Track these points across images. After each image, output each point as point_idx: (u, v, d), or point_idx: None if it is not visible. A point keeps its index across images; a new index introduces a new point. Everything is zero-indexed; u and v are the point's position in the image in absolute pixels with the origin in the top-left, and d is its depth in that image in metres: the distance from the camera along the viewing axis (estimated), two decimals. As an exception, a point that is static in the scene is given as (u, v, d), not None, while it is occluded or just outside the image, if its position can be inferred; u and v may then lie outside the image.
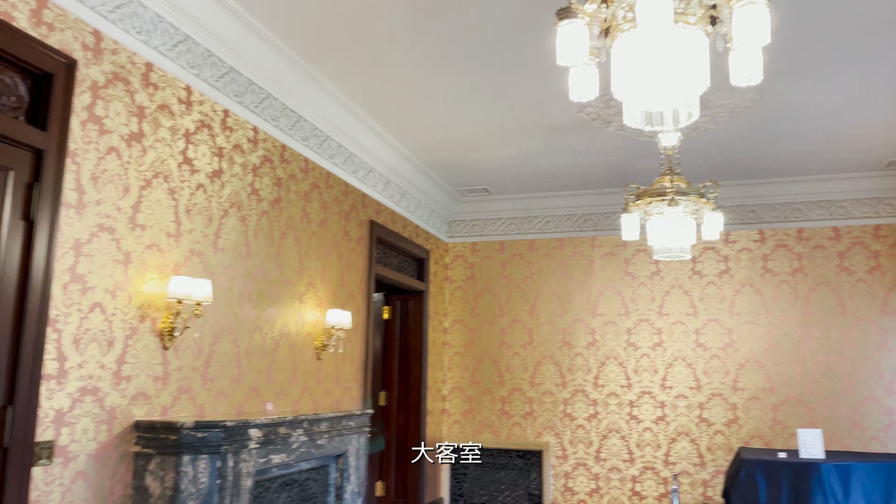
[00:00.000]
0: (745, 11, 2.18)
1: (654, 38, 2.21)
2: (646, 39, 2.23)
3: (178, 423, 3.19)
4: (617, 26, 2.40)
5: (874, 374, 6.29)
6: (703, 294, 6.87)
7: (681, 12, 2.28)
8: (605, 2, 2.42)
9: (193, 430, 3.19)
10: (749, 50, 2.38)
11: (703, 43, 2.33)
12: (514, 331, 7.36)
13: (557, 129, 5.50)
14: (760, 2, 2.16)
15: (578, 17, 2.36)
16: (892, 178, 6.38)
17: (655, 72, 2.24)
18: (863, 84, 4.59)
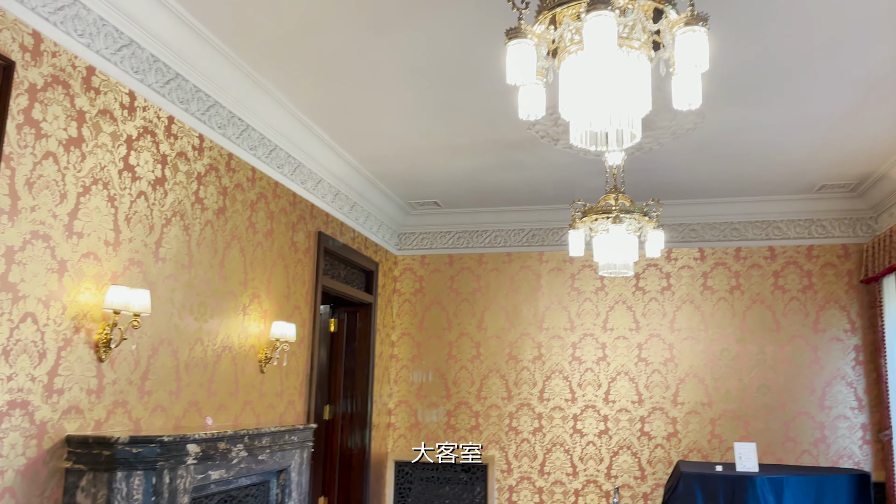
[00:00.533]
0: (685, 38, 2.25)
1: (600, 61, 2.26)
2: (591, 62, 2.29)
3: (112, 438, 3.09)
4: (564, 48, 2.45)
5: (806, 389, 6.53)
6: (645, 310, 7.03)
7: (625, 37, 2.34)
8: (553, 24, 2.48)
9: (128, 445, 3.09)
10: (690, 75, 2.46)
11: (647, 67, 2.40)
12: (461, 344, 7.38)
13: (507, 145, 5.57)
14: (700, 30, 2.24)
15: (527, 37, 2.40)
16: (824, 201, 6.67)
17: (600, 94, 2.30)
18: (797, 111, 4.79)
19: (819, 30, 3.76)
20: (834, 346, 6.54)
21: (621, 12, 2.30)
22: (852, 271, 6.63)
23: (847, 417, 6.40)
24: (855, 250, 6.66)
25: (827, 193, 6.58)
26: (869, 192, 6.35)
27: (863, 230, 6.65)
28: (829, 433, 6.41)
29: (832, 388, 6.47)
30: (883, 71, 4.18)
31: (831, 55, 4.02)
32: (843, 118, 4.87)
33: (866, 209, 6.62)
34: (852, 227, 6.69)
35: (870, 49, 3.94)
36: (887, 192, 6.09)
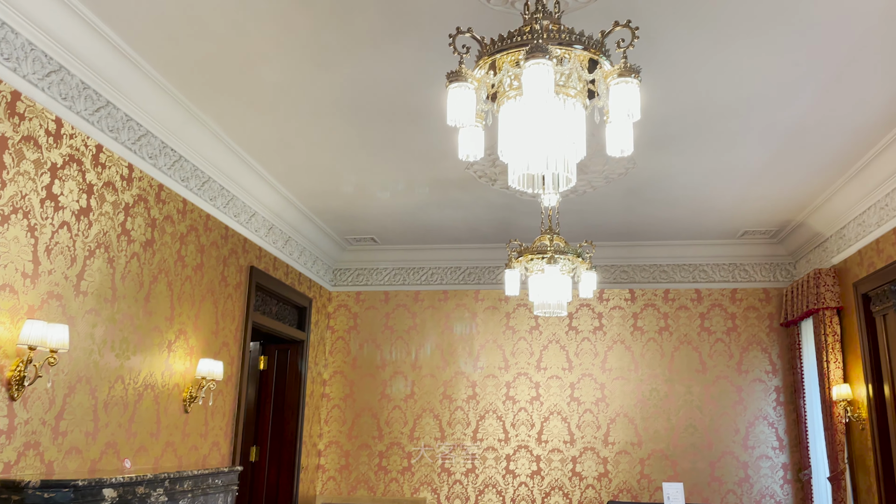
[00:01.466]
0: (619, 88, 2.33)
1: (537, 106, 2.31)
2: (529, 107, 2.34)
3: (21, 482, 2.88)
4: (504, 93, 2.50)
5: (731, 429, 6.71)
6: (578, 349, 7.12)
7: (562, 84, 2.41)
8: (493, 69, 2.53)
9: (39, 489, 2.89)
10: (622, 123, 2.54)
11: (582, 114, 2.47)
12: (395, 383, 7.29)
13: (446, 183, 5.61)
14: (633, 81, 2.33)
15: (468, 81, 2.44)
16: (746, 246, 6.96)
17: (537, 138, 2.35)
18: (723, 160, 5.01)
19: (742, 86, 3.97)
20: (756, 387, 6.76)
21: (558, 61, 2.37)
22: (773, 314, 6.91)
23: (769, 457, 6.60)
24: (775, 294, 6.95)
25: (750, 239, 6.87)
26: (788, 238, 6.67)
27: (782, 275, 6.96)
28: (752, 473, 6.58)
29: (755, 429, 6.67)
30: (800, 126, 4.44)
31: (754, 109, 4.24)
32: (764, 168, 5.12)
33: (786, 255, 6.94)
34: (773, 272, 6.99)
35: (788, 105, 4.17)
36: (805, 239, 6.41)
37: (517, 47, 2.40)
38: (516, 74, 2.42)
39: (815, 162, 4.98)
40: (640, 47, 3.56)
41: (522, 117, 2.37)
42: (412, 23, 3.43)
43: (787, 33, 3.45)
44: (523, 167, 2.50)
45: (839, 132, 4.50)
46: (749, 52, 3.62)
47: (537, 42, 2.28)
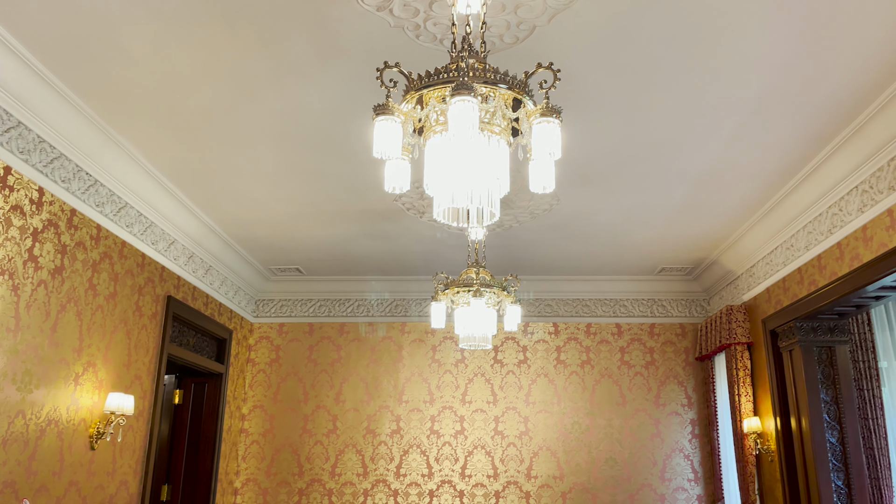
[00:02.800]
0: (541, 128, 2.40)
1: (462, 142, 2.35)
2: (454, 143, 2.37)
3: None
4: (430, 127, 2.53)
5: (648, 462, 6.85)
6: (503, 382, 7.16)
7: (487, 122, 2.46)
8: (420, 104, 2.55)
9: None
10: (544, 161, 2.60)
11: (506, 151, 2.53)
12: (317, 418, 7.12)
13: (373, 214, 5.59)
14: (554, 121, 2.40)
15: (394, 114, 2.46)
16: (664, 282, 7.21)
17: (462, 173, 2.38)
18: (641, 200, 5.21)
19: (658, 130, 4.15)
20: (673, 420, 6.95)
21: (483, 99, 2.42)
22: (689, 349, 7.15)
23: (685, 489, 6.76)
24: (691, 329, 7.21)
25: (667, 276, 7.13)
26: (703, 276, 6.95)
27: (697, 311, 7.24)
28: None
29: (672, 461, 6.84)
30: (711, 170, 4.66)
31: (669, 153, 4.44)
32: (680, 209, 5.35)
33: (700, 291, 7.23)
34: (689, 308, 7.26)
35: (700, 150, 4.38)
36: (718, 276, 6.70)
37: (444, 84, 2.44)
38: (442, 110, 2.45)
39: (726, 204, 5.23)
40: (564, 90, 3.68)
41: (448, 152, 2.40)
42: (341, 53, 3.45)
43: (697, 83, 3.64)
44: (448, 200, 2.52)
45: (747, 177, 4.76)
46: (664, 99, 3.80)
47: (463, 80, 2.32)
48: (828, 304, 4.74)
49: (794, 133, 4.15)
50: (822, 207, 4.71)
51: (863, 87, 3.64)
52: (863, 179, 4.22)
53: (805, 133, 4.14)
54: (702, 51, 3.37)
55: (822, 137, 4.18)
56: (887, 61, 3.42)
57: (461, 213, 2.76)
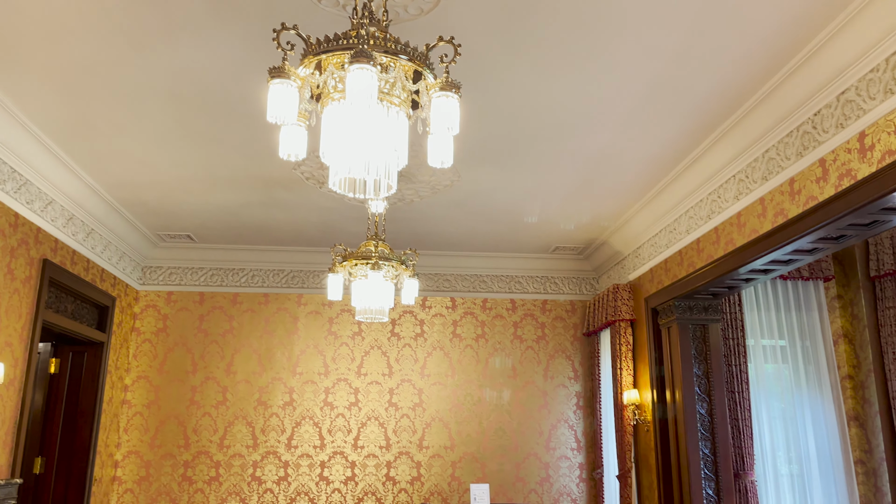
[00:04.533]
0: (440, 102, 2.40)
1: (360, 111, 2.33)
2: (352, 112, 2.34)
3: None
4: (328, 94, 2.48)
5: (535, 432, 7.13)
6: (399, 355, 7.21)
7: (386, 92, 2.44)
8: (318, 69, 2.50)
9: None
10: (443, 136, 2.62)
11: (405, 123, 2.52)
12: (206, 389, 6.92)
13: (270, 182, 5.45)
14: (453, 96, 2.41)
15: (291, 78, 2.39)
16: (557, 260, 7.47)
17: (359, 143, 2.35)
18: (538, 180, 5.34)
19: (555, 112, 4.26)
20: (560, 392, 7.25)
21: (383, 68, 2.40)
22: (577, 325, 7.46)
23: (568, 458, 7.09)
24: (580, 306, 7.51)
25: (560, 255, 7.38)
26: (593, 255, 7.24)
27: (587, 289, 7.55)
28: (552, 473, 7.04)
29: (557, 431, 7.15)
30: (603, 154, 4.85)
31: (564, 135, 4.57)
32: (574, 190, 5.53)
33: (590, 271, 7.53)
34: (579, 286, 7.55)
35: (594, 134, 4.54)
36: (607, 256, 7.00)
37: (343, 50, 2.40)
38: (341, 77, 2.41)
39: (616, 187, 5.46)
40: (465, 65, 3.71)
41: (345, 121, 2.37)
42: (238, 12, 3.31)
43: (593, 69, 3.76)
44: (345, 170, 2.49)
45: (636, 162, 4.98)
46: (561, 82, 3.90)
47: (363, 47, 2.29)
48: (703, 285, 5.07)
49: (681, 122, 4.37)
50: (703, 194, 5.00)
51: (744, 81, 3.88)
52: (740, 169, 4.52)
53: (691, 123, 4.37)
54: (601, 37, 3.47)
55: (705, 127, 4.43)
56: (766, 58, 3.65)
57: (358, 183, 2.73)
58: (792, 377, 5.85)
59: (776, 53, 3.59)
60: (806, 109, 3.77)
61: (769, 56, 3.62)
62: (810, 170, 3.81)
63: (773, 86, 3.84)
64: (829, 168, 3.65)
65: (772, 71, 3.75)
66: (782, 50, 3.56)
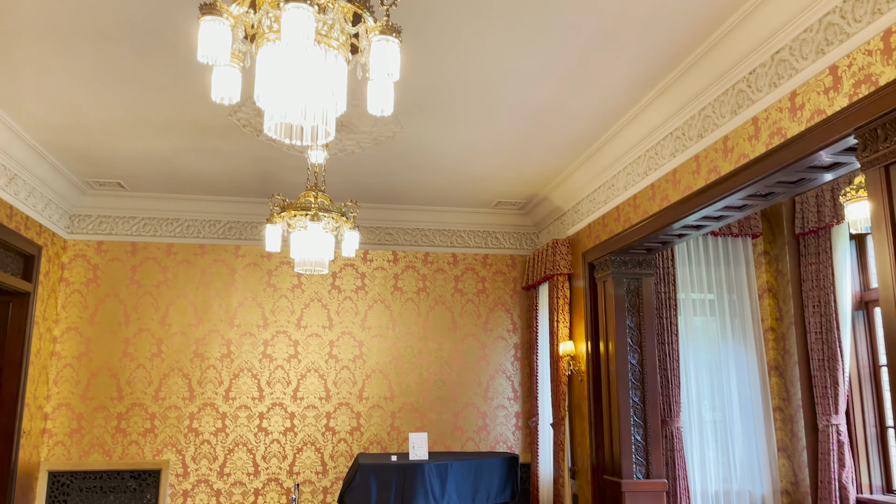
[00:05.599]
0: (380, 46, 2.35)
1: (296, 53, 2.25)
2: (288, 53, 2.27)
3: None
4: (262, 34, 2.39)
5: (474, 382, 7.27)
6: (340, 308, 7.20)
7: (324, 34, 2.36)
8: (252, 7, 2.40)
9: None
10: (383, 82, 2.57)
11: (344, 68, 2.45)
12: (140, 341, 6.77)
13: (206, 129, 5.27)
14: (393, 40, 2.36)
15: (223, 16, 2.29)
16: (499, 215, 7.52)
17: (295, 86, 2.29)
18: (480, 133, 5.33)
19: (498, 65, 4.22)
20: (499, 344, 7.39)
21: (321, 9, 2.32)
22: (517, 279, 7.57)
23: (505, 407, 7.28)
24: (520, 261, 7.61)
25: (502, 209, 7.43)
26: (534, 210, 7.32)
27: (527, 244, 7.64)
28: (490, 421, 7.22)
29: (495, 382, 7.31)
30: (546, 108, 4.85)
31: (507, 89, 4.55)
32: (515, 144, 5.54)
33: (531, 226, 7.62)
34: (520, 241, 7.64)
35: (536, 88, 4.54)
36: (547, 212, 7.08)
37: (278, -12, 2.30)
38: (276, 17, 2.33)
39: (557, 142, 5.49)
40: (407, 13, 3.62)
41: (281, 63, 2.30)
42: (169, -54, 3.13)
43: (537, 22, 3.73)
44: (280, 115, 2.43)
45: (578, 117, 5.01)
46: (505, 35, 3.86)
47: (300, -15, 2.20)
48: (639, 240, 5.19)
49: (621, 78, 4.40)
50: (641, 151, 5.08)
51: (683, 38, 3.92)
52: (677, 127, 4.60)
53: (631, 79, 4.41)
54: (543, -13, 3.44)
55: (645, 84, 4.48)
56: (706, 15, 3.69)
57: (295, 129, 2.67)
58: (718, 329, 6.10)
59: (716, 11, 3.64)
60: (742, 68, 3.85)
61: (709, 13, 3.66)
62: (743, 128, 3.91)
63: (712, 43, 3.90)
64: (761, 126, 3.76)
65: (711, 28, 3.81)
66: (722, 8, 3.61)
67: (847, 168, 3.59)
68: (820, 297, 5.65)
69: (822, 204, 5.64)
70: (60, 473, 6.39)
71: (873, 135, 2.96)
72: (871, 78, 2.99)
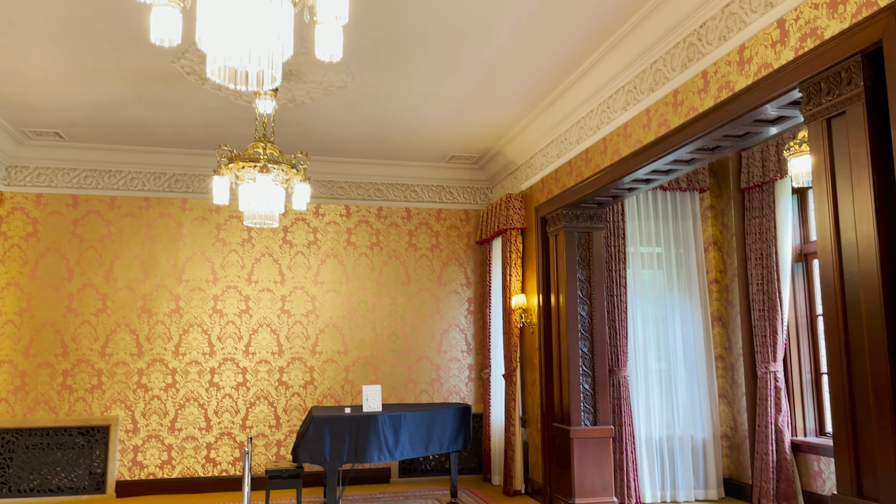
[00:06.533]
0: (327, -14, 2.27)
1: (239, -8, 2.16)
2: (230, -8, 2.17)
3: None
4: (203, -28, 2.28)
5: (428, 336, 7.33)
6: (291, 263, 7.12)
7: (268, -27, 2.27)
8: (192, -57, 2.29)
9: None
10: (331, 26, 2.49)
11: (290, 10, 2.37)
12: (84, 297, 6.60)
13: (149, 76, 5.06)
14: (341, -20, 2.28)
15: (160, -49, 2.18)
16: (453, 170, 7.49)
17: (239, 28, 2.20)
18: (434, 85, 5.25)
19: (451, 15, 4.14)
20: (452, 298, 7.44)
21: (264, -54, 2.22)
22: (471, 234, 7.59)
23: (458, 359, 7.37)
24: (474, 215, 7.63)
25: (456, 164, 7.40)
26: (488, 165, 7.31)
27: (481, 199, 7.65)
28: (443, 374, 7.31)
29: (448, 335, 7.38)
30: (499, 61, 4.80)
31: (461, 40, 4.47)
32: (469, 98, 5.49)
33: (485, 180, 7.62)
34: (473, 195, 7.64)
35: (490, 40, 4.48)
36: (501, 166, 7.08)
37: (219, -79, 2.19)
38: (217, -47, 2.22)
39: (511, 96, 5.46)
40: (359, -46, 3.51)
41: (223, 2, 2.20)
42: None
43: (493, -35, 3.66)
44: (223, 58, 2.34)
45: (532, 70, 4.97)
46: (460, -23, 3.78)
47: (241, -80, 2.10)
48: (590, 194, 5.24)
49: (575, 30, 4.37)
50: (594, 105, 5.09)
51: (636, -10, 3.90)
52: (629, 80, 4.62)
53: (584, 31, 4.38)
54: (497, -68, 3.36)
55: (598, 36, 4.46)
56: (658, -32, 3.67)
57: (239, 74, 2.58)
58: (665, 282, 6.26)
59: (668, -38, 3.62)
60: (693, 21, 3.86)
61: (662, -36, 3.64)
62: (693, 81, 3.95)
63: (664, -4, 3.90)
64: (710, 80, 3.79)
65: (664, -20, 3.79)
66: (674, -42, 3.59)
67: (792, 122, 3.67)
68: (762, 249, 5.83)
69: (766, 159, 5.77)
70: (5, 431, 6.25)
71: (817, 88, 3.02)
72: (817, 31, 3.03)
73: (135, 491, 6.43)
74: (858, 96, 2.81)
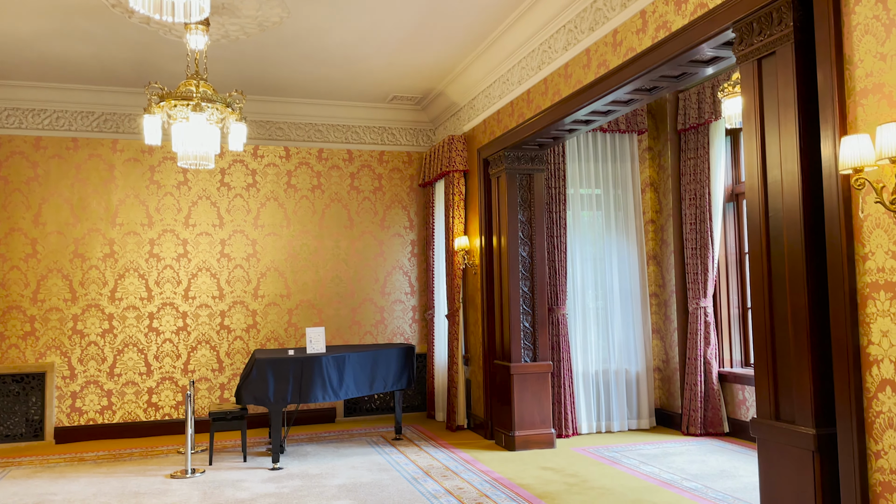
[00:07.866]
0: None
1: (161, -87, 2.05)
2: (152, -87, 2.06)
3: None
4: None
5: (371, 279, 7.35)
6: (230, 206, 6.97)
7: None
8: None
9: None
10: (262, -46, 2.39)
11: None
12: (12, 241, 6.34)
13: (71, 9, 4.78)
14: None
15: None
16: (395, 111, 7.39)
17: (162, -48, 2.10)
18: (374, 20, 5.12)
19: (392, -57, 4.02)
20: (396, 241, 7.45)
21: None
22: (414, 176, 7.56)
23: (402, 301, 7.43)
24: (417, 158, 7.58)
25: (398, 104, 7.29)
26: (430, 106, 7.23)
27: (424, 140, 7.60)
28: (387, 315, 7.37)
29: (392, 277, 7.42)
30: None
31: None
32: (410, 35, 5.38)
33: (427, 122, 7.55)
34: (416, 137, 7.58)
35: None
36: (443, 107, 7.02)
37: None
38: None
39: (453, 33, 5.38)
40: None
41: (144, -76, 2.09)
42: None
43: None
44: (147, -15, 2.24)
45: (474, 6, 4.89)
46: None
47: None
48: (531, 135, 5.27)
49: (517, -34, 4.31)
50: (535, 44, 5.07)
51: (577, -74, 3.85)
52: (570, 19, 4.60)
53: (526, -33, 4.32)
54: None
55: (540, -26, 4.41)
56: None
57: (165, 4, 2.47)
58: (604, 222, 6.40)
59: None
60: (633, -41, 3.85)
61: None
62: (632, 21, 3.96)
63: (605, -68, 3.86)
64: (648, 20, 3.82)
65: (604, -84, 3.75)
66: None
67: (726, 62, 3.74)
68: (696, 190, 6.00)
69: (702, 101, 5.89)
70: (-68, 381, 6.05)
71: (749, 28, 3.08)
72: (751, -29, 3.07)
73: (74, 437, 6.35)
74: (788, 36, 2.88)
